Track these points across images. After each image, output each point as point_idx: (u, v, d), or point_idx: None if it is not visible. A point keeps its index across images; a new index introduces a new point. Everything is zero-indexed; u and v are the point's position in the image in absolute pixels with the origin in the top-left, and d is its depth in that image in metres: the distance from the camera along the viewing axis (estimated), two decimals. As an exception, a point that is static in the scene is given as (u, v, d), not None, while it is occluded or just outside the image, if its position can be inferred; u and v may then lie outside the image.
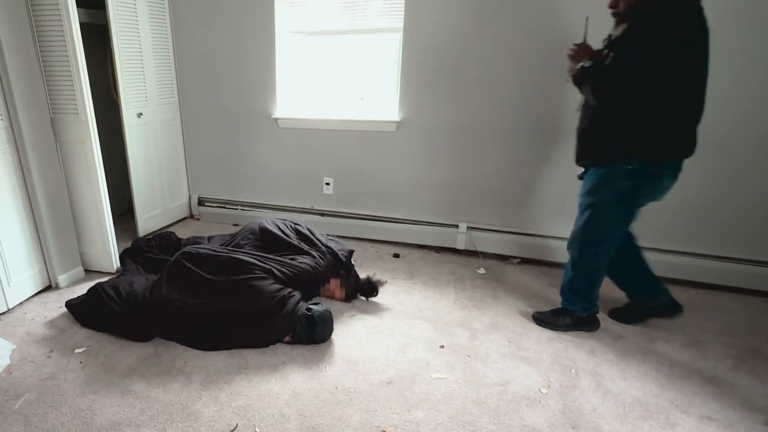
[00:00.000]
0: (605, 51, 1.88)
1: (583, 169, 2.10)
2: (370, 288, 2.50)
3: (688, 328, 2.30)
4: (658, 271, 2.78)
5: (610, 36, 1.91)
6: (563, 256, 2.94)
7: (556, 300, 2.54)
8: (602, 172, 1.96)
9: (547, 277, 2.79)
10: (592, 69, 1.87)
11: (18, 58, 2.23)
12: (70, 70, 2.39)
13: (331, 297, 2.52)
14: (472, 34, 2.78)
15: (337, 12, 3.09)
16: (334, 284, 2.51)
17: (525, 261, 3.05)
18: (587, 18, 2.05)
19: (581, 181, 2.11)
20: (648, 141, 1.84)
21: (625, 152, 1.87)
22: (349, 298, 2.51)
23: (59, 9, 2.29)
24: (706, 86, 1.83)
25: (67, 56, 2.37)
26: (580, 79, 1.94)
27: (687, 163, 2.61)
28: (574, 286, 2.18)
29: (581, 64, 1.92)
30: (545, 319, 2.30)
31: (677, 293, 2.62)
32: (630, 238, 2.22)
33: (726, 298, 2.60)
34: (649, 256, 2.77)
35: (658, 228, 2.76)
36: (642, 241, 2.79)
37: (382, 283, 2.52)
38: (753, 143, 2.49)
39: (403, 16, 2.89)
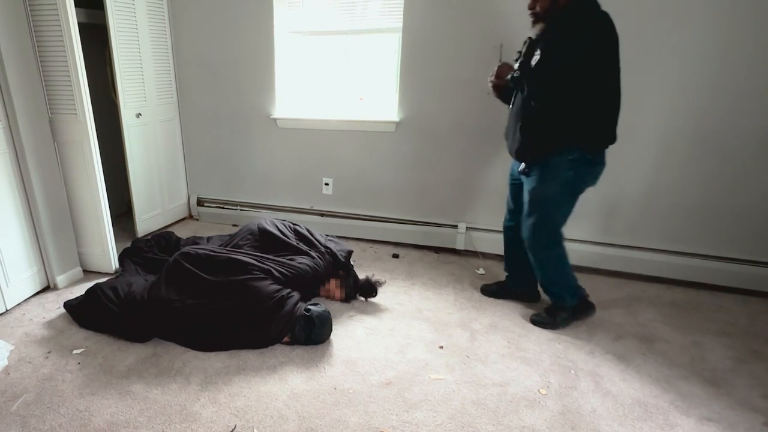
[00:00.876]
0: (524, 50, 2.06)
1: (522, 165, 2.17)
2: (369, 288, 2.50)
3: (688, 329, 2.30)
4: (658, 271, 2.79)
5: (529, 37, 2.06)
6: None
7: (555, 300, 2.54)
8: (546, 166, 2.05)
9: (546, 278, 2.78)
10: (533, 72, 1.95)
11: (16, 59, 2.22)
12: (68, 71, 2.39)
13: (330, 297, 2.52)
14: (471, 34, 2.78)
15: (336, 12, 3.09)
16: (333, 284, 2.50)
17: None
18: (501, 45, 2.21)
19: (524, 178, 2.19)
20: (583, 132, 1.98)
21: (565, 144, 1.99)
22: (348, 298, 2.50)
23: (57, 9, 2.28)
24: (620, 80, 1.98)
25: (66, 57, 2.36)
26: (512, 88, 2.11)
27: (687, 164, 2.62)
28: (553, 280, 2.25)
29: (510, 75, 2.05)
30: (543, 321, 2.30)
31: (676, 293, 2.63)
32: None
33: (726, 299, 2.59)
34: (648, 257, 2.79)
35: (656, 228, 2.76)
36: (641, 242, 2.81)
37: (381, 284, 2.52)
38: (752, 144, 2.49)
39: (402, 17, 2.88)
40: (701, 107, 2.51)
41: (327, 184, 3.40)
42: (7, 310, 2.34)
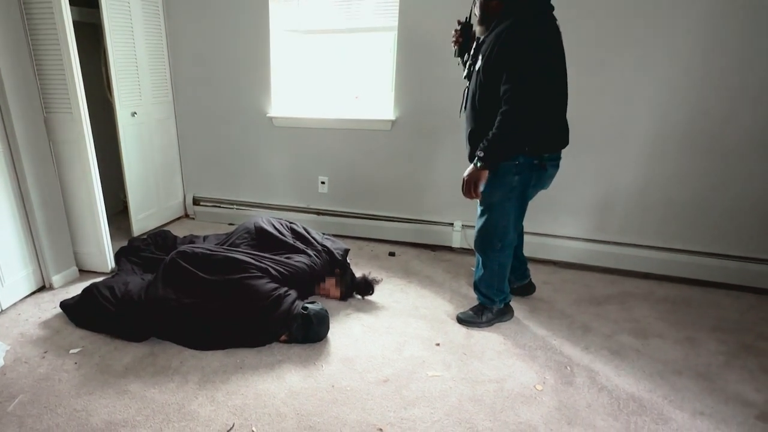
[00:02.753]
0: (473, 53, 2.07)
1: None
2: (366, 286, 2.50)
3: (681, 324, 2.32)
4: (651, 267, 2.82)
5: (478, 38, 2.05)
6: (557, 253, 2.99)
7: (549, 298, 2.57)
8: (493, 171, 2.00)
9: (541, 275, 2.80)
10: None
11: (10, 57, 2.21)
12: (63, 70, 2.38)
13: (327, 296, 2.52)
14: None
15: (331, 10, 3.09)
16: (329, 283, 2.51)
17: (520, 259, 3.07)
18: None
19: None
20: (529, 137, 1.92)
21: (499, 155, 1.94)
22: (345, 296, 2.51)
23: (52, 7, 2.27)
24: (566, 83, 1.99)
25: (61, 55, 2.35)
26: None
27: (678, 162, 2.65)
28: (489, 282, 2.26)
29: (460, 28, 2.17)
30: (469, 319, 2.31)
31: (669, 290, 2.66)
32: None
33: (718, 295, 2.62)
34: (642, 253, 2.82)
35: (650, 225, 2.79)
36: (634, 239, 2.83)
37: (377, 282, 2.53)
38: (743, 141, 2.52)
39: (397, 15, 2.89)
40: (692, 105, 2.54)
41: (323, 183, 3.40)
42: (2, 311, 2.33)
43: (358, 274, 2.59)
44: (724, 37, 2.40)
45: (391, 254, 3.14)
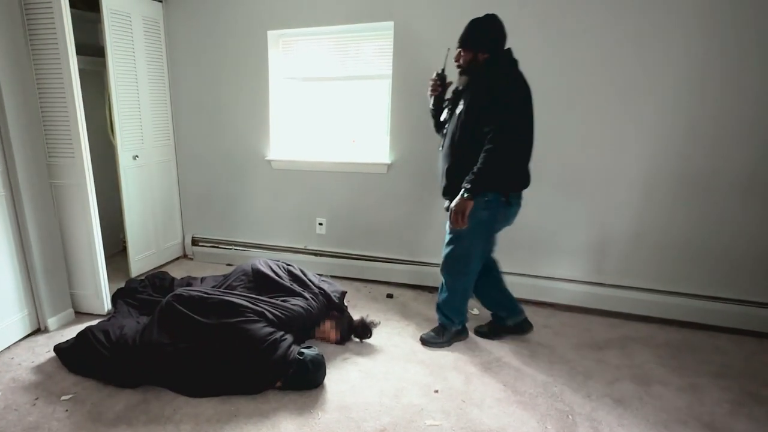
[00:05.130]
0: (452, 99, 2.32)
1: (448, 203, 2.32)
2: (364, 330, 2.48)
3: (684, 370, 2.29)
4: (651, 311, 2.80)
5: (457, 87, 2.31)
6: (555, 296, 2.97)
7: (549, 342, 2.53)
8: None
9: (540, 318, 2.78)
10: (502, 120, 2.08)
11: (17, 105, 2.28)
12: (68, 117, 2.44)
13: (326, 339, 2.49)
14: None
15: (329, 59, 3.21)
16: (327, 326, 2.48)
17: (520, 301, 3.03)
18: (449, 49, 2.30)
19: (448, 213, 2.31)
20: (500, 176, 2.13)
21: (482, 186, 2.13)
22: (342, 340, 2.48)
23: (59, 58, 2.36)
24: (533, 131, 2.20)
25: (66, 104, 2.42)
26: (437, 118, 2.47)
27: (671, 204, 2.68)
28: (452, 304, 2.45)
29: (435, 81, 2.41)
30: (431, 340, 2.50)
31: (670, 334, 2.63)
32: (493, 263, 2.54)
33: (721, 339, 2.59)
34: (641, 296, 2.81)
35: (647, 268, 2.79)
36: (632, 281, 2.83)
37: (375, 325, 2.51)
38: (734, 184, 2.56)
39: (392, 64, 3.00)
40: (682, 149, 2.59)
41: (321, 224, 3.43)
42: (-6, 355, 2.30)
43: (355, 316, 2.57)
44: (708, 84, 2.48)
45: (389, 296, 3.12)
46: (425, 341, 2.50)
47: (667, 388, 2.15)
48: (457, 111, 2.21)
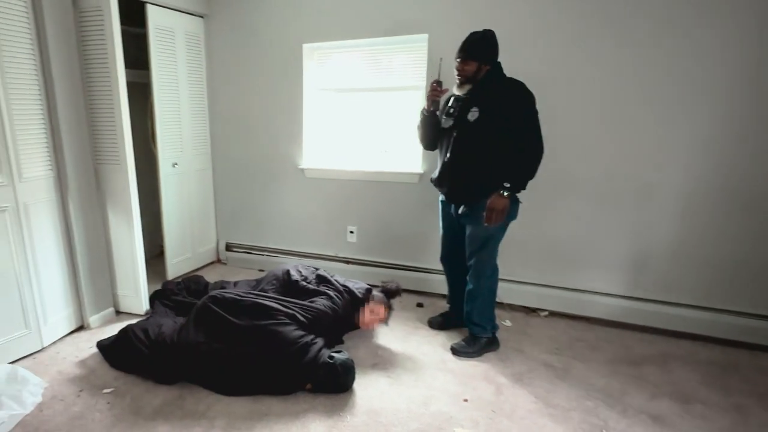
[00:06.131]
0: (455, 106, 2.36)
1: (462, 207, 2.40)
2: (394, 291, 2.68)
3: (727, 390, 2.19)
4: (693, 327, 2.70)
5: (454, 95, 2.39)
6: (592, 310, 2.90)
7: (584, 357, 2.47)
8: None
9: (574, 331, 2.72)
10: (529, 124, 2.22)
11: (69, 115, 2.42)
12: (114, 126, 2.57)
13: (375, 321, 2.57)
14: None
15: (362, 70, 3.28)
16: (370, 308, 2.55)
17: (553, 314, 2.99)
18: (441, 59, 2.48)
19: (465, 219, 2.41)
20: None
21: (501, 183, 2.22)
22: (389, 309, 2.63)
23: (108, 71, 2.50)
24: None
25: (113, 113, 2.55)
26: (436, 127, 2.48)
27: (713, 218, 2.59)
28: (481, 310, 2.47)
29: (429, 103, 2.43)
30: (462, 349, 2.48)
31: (713, 352, 2.53)
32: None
33: (765, 359, 2.47)
34: (682, 312, 2.71)
35: (687, 283, 2.69)
36: (673, 296, 2.73)
37: (400, 289, 2.71)
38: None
39: (425, 76, 3.03)
40: (726, 160, 2.51)
41: (352, 232, 3.47)
42: (42, 348, 2.42)
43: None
44: (757, 91, 2.40)
45: (419, 305, 3.12)
46: (456, 350, 2.49)
47: (709, 408, 2.06)
48: (469, 117, 2.26)
